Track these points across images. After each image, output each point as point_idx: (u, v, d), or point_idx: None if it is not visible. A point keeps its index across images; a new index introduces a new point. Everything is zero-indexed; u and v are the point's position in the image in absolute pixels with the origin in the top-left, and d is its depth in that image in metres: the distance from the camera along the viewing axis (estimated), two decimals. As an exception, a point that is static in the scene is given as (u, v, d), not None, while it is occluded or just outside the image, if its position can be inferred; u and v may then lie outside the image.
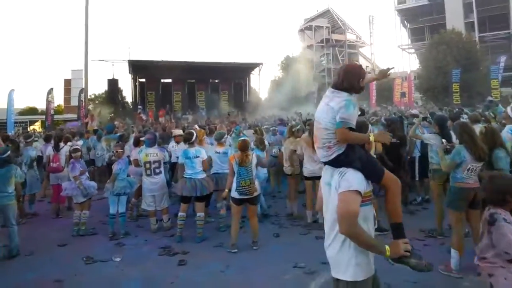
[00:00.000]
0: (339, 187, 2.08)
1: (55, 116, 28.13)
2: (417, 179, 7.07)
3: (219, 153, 6.01)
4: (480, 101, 18.37)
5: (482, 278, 2.51)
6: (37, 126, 36.33)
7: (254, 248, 5.02)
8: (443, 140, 4.71)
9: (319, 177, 5.62)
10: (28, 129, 31.06)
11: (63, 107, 41.78)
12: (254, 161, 5.05)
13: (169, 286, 4.05)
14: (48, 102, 23.74)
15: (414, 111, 11.27)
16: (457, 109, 10.79)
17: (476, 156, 3.96)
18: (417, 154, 6.98)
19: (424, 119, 6.70)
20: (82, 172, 6.09)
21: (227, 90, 30.47)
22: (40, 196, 7.87)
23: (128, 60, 25.66)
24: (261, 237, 5.19)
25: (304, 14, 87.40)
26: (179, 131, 6.95)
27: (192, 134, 5.76)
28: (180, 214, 5.50)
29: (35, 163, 7.30)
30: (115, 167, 5.92)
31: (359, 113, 5.93)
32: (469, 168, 4.01)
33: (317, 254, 4.66)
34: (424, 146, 6.95)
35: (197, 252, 4.98)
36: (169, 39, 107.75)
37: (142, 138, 6.87)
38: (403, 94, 24.39)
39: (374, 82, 28.29)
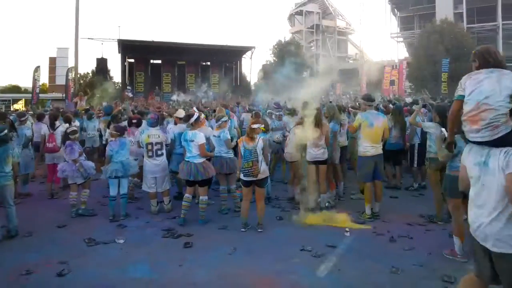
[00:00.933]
0: (507, 167, 2.18)
1: (41, 95, 27.42)
2: (415, 165, 7.17)
3: (215, 136, 5.91)
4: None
5: None
6: (20, 105, 35.33)
7: (259, 230, 5.03)
8: (442, 129, 4.74)
9: (321, 162, 5.71)
10: (11, 108, 30.18)
11: (47, 86, 40.66)
12: (260, 144, 5.00)
13: (177, 268, 4.01)
14: (34, 80, 23.03)
15: (408, 99, 11.38)
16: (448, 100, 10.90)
17: None
18: (416, 141, 7.06)
19: (424, 106, 6.76)
20: (80, 154, 5.96)
21: (218, 73, 30.06)
22: (30, 176, 7.65)
23: (118, 39, 25.02)
24: (265, 220, 5.19)
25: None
26: (181, 112, 6.80)
27: (191, 115, 5.63)
28: (185, 195, 5.46)
29: (30, 143, 7.10)
30: (107, 149, 5.83)
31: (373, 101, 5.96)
32: None
33: (321, 238, 4.76)
34: (424, 133, 7.06)
35: (201, 235, 4.96)
36: (160, 19, 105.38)
37: (134, 121, 6.77)
38: (392, 82, 24.56)
39: (364, 70, 28.51)
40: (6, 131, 5.14)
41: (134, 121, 6.72)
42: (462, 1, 39.61)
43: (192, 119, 5.51)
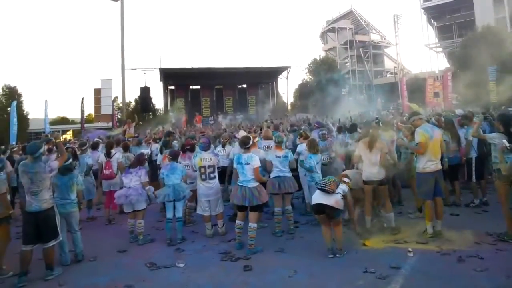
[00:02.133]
0: None
1: (86, 125, 29.10)
2: (473, 180, 6.81)
3: (279, 157, 5.92)
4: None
5: None
6: (69, 135, 37.56)
7: (338, 256, 4.82)
8: (504, 140, 4.51)
9: (377, 182, 5.53)
10: (61, 138, 32.19)
11: (93, 116, 43.09)
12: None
13: (240, 291, 4.02)
14: (82, 112, 24.53)
15: (459, 111, 10.92)
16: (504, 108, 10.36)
17: None
18: (473, 155, 6.73)
19: (485, 118, 6.44)
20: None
21: (254, 94, 30.53)
22: (94, 202, 8.07)
23: (159, 68, 26.17)
24: (320, 241, 5.09)
25: (327, 16, 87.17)
26: (243, 134, 6.94)
27: (249, 138, 5.64)
28: (237, 222, 5.44)
29: (90, 170, 7.51)
30: (160, 173, 6.10)
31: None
32: None
33: (384, 259, 4.59)
34: (481, 146, 6.73)
35: (259, 258, 4.94)
36: (197, 46, 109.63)
37: (187, 147, 7.00)
38: (436, 94, 23.68)
39: (404, 82, 27.80)
40: (70, 160, 5.48)
41: (187, 147, 6.92)
42: (504, 5, 38.02)
43: (249, 144, 5.50)
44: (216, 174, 6.09)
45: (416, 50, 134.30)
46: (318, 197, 4.84)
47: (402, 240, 5.20)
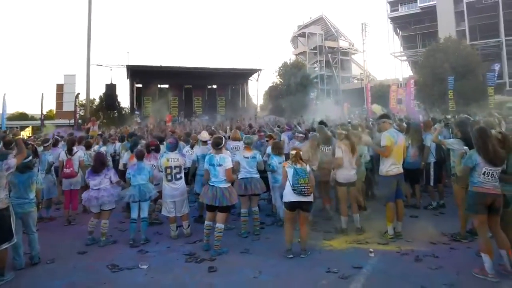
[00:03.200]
0: None
1: (46, 122, 27.86)
2: (431, 184, 7.13)
3: (247, 157, 5.91)
4: (476, 107, 18.66)
5: None
6: (27, 132, 35.86)
7: (303, 256, 4.88)
8: (465, 147, 4.77)
9: (352, 183, 5.71)
10: (20, 134, 30.63)
11: (54, 113, 41.31)
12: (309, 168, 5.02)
13: (205, 293, 3.99)
14: (42, 107, 23.42)
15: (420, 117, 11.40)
16: (463, 115, 10.92)
17: (487, 160, 4.03)
18: (432, 160, 7.04)
19: (446, 124, 6.75)
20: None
21: (224, 96, 30.43)
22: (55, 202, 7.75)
23: (127, 65, 25.50)
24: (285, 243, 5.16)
25: (298, 21, 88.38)
26: (205, 135, 6.82)
27: (222, 138, 5.56)
28: (206, 223, 5.38)
29: (52, 168, 7.20)
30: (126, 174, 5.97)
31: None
32: (485, 172, 4.06)
33: (346, 259, 4.71)
34: (439, 152, 7.07)
35: (224, 259, 4.93)
36: (167, 44, 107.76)
37: (152, 147, 6.87)
38: (399, 101, 24.59)
39: (369, 89, 28.70)
40: (30, 157, 5.22)
41: (152, 147, 6.79)
42: (464, 19, 40.17)
43: (222, 144, 5.45)
44: (182, 174, 6.01)
45: (382, 57, 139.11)
46: (294, 195, 4.80)
47: (364, 240, 5.37)
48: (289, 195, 4.83)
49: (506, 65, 36.48)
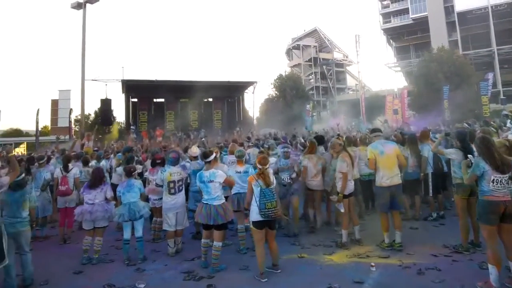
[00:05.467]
0: None
1: (41, 138, 27.64)
2: (430, 195, 7.07)
3: (239, 172, 5.82)
4: (471, 117, 18.77)
5: None
6: (22, 148, 35.55)
7: (278, 271, 4.82)
8: (469, 155, 4.74)
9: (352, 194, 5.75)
10: (14, 152, 30.38)
11: (49, 128, 41.13)
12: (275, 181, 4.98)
13: (203, 313, 3.87)
14: (37, 123, 23.26)
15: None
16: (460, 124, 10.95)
17: (494, 167, 3.99)
18: (429, 170, 7.00)
19: (447, 134, 6.72)
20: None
21: (220, 109, 30.43)
22: (49, 220, 7.61)
23: (122, 80, 25.47)
24: (287, 259, 5.09)
25: (292, 33, 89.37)
26: (195, 150, 6.72)
27: (211, 152, 5.41)
28: (203, 241, 5.26)
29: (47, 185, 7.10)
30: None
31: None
32: (493, 179, 4.01)
33: (347, 274, 4.62)
34: (436, 162, 7.02)
35: (222, 276, 4.82)
36: (162, 58, 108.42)
37: (158, 161, 6.78)
38: (395, 111, 24.76)
39: (363, 99, 28.86)
40: (22, 175, 5.12)
41: (158, 161, 6.67)
42: (456, 29, 40.78)
43: (211, 158, 5.31)
44: (183, 186, 5.95)
45: (376, 68, 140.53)
46: (261, 217, 4.68)
47: (364, 254, 5.28)
48: (256, 215, 4.71)
49: (499, 74, 36.95)
